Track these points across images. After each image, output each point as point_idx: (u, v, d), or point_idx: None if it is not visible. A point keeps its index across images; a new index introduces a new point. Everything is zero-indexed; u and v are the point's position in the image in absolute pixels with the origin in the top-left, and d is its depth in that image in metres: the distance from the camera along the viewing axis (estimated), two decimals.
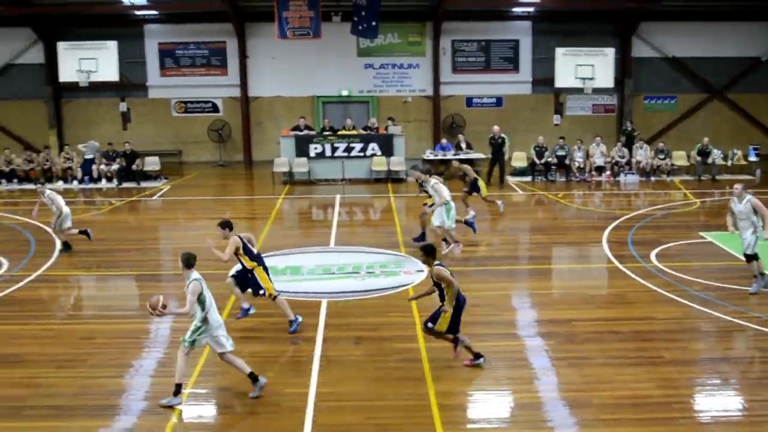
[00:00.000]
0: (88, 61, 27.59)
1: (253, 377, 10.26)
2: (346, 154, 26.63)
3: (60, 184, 26.60)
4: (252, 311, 13.24)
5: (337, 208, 22.36)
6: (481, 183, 20.20)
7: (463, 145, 27.24)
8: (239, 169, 29.92)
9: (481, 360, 11.02)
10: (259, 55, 31.44)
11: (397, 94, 32.29)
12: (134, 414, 9.98)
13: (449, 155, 27.02)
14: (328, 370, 11.03)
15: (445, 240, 17.38)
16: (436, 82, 32.16)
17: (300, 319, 12.87)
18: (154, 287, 15.55)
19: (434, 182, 17.24)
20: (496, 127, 26.44)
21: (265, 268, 13.03)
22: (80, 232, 18.00)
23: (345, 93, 31.65)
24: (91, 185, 26.58)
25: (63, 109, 31.89)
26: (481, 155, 27.32)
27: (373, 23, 28.26)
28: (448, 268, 10.85)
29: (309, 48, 30.18)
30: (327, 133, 27.18)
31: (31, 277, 15.77)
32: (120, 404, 10.24)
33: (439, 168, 27.08)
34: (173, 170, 28.97)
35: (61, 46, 28.22)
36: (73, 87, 29.56)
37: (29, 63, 31.45)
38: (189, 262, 10.16)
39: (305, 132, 27.28)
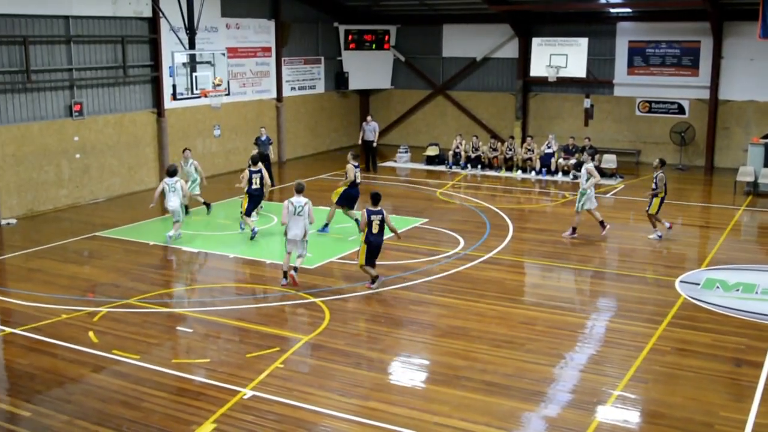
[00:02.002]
0: (558, 57, 28.57)
1: (284, 274, 14.69)
2: None
3: (519, 174, 27.85)
4: (255, 233, 17.75)
5: None
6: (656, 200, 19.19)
7: None
8: (698, 175, 28.57)
9: (375, 284, 14.51)
10: (736, 56, 29.58)
11: None
12: (560, 405, 10.16)
13: None
14: None
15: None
16: None
17: (257, 230, 17.73)
18: (597, 284, 15.64)
19: (590, 166, 18.61)
20: None
21: (253, 200, 17.77)
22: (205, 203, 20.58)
23: None
24: (548, 177, 27.39)
25: (529, 102, 33.22)
26: None
27: None
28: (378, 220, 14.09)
29: None
30: None
31: (483, 258, 16.76)
32: (548, 392, 10.49)
33: None
34: (629, 170, 28.64)
35: (535, 42, 29.47)
36: (541, 81, 30.73)
37: (504, 57, 33.20)
38: (298, 188, 14.71)
39: None
